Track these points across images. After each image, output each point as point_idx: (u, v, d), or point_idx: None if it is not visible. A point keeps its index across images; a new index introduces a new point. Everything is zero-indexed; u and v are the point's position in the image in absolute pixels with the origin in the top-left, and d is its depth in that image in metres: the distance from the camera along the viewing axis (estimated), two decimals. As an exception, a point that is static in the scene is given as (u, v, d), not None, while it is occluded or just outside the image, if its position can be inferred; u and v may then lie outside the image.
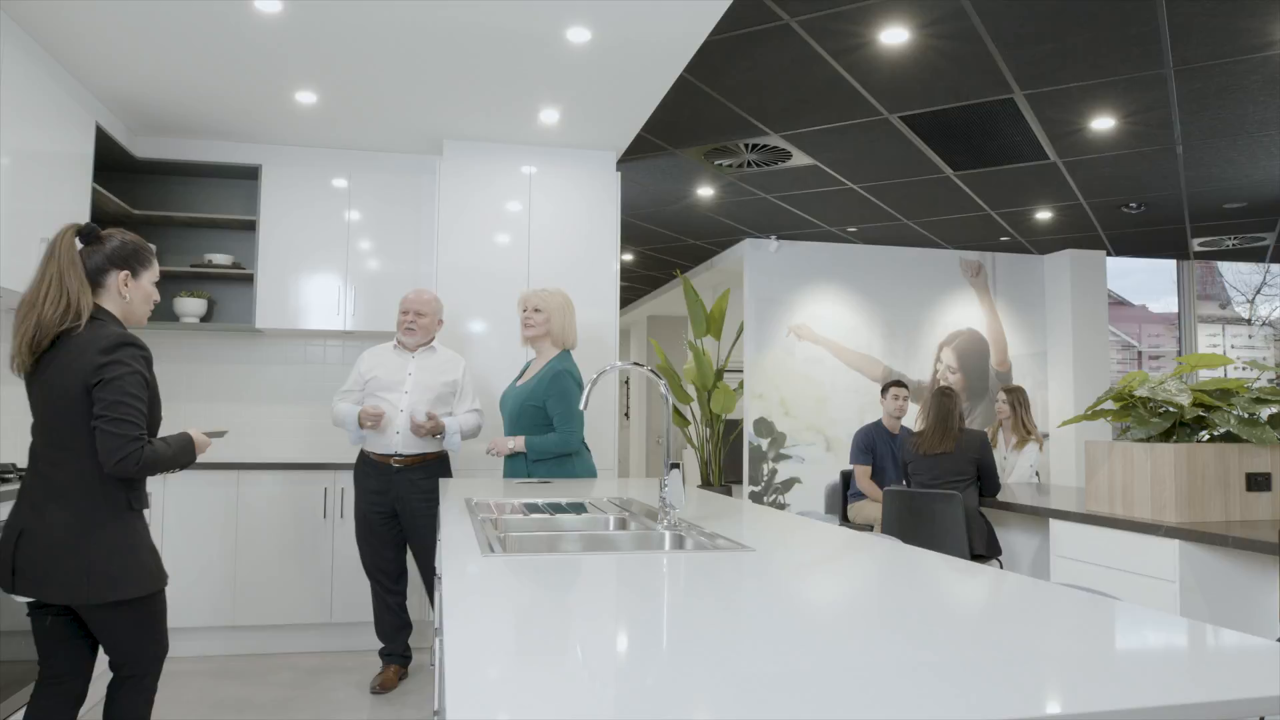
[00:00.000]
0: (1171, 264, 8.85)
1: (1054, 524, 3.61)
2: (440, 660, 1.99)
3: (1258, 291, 10.27)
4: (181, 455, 2.23)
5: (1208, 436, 3.33)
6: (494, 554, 1.67)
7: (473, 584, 1.40)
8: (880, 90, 4.24)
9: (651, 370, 2.24)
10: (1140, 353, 10.51)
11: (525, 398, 3.59)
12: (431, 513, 3.94)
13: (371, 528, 3.86)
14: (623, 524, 2.36)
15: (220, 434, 2.51)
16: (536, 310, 3.68)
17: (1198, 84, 4.10)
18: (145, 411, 2.11)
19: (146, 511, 2.23)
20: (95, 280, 2.19)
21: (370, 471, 3.85)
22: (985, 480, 4.29)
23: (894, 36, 3.65)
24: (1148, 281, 11.45)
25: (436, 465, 3.92)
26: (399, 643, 3.92)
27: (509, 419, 3.66)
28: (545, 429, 3.57)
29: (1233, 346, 10.18)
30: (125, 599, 2.11)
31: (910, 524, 4.22)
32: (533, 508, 2.61)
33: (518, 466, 3.61)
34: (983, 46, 3.73)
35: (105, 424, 2.03)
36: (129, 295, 2.26)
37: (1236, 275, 10.28)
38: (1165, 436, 3.35)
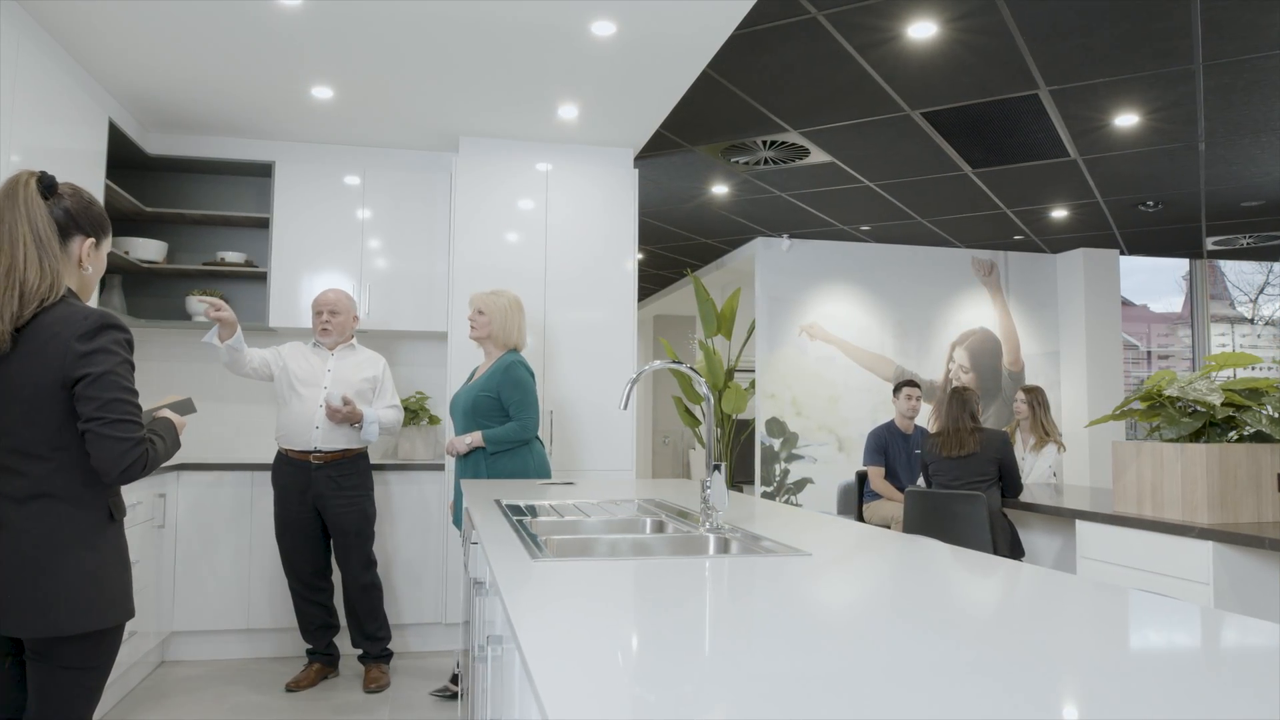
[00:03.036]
0: (1174, 264, 8.82)
1: (1080, 525, 3.57)
2: (474, 667, 1.94)
3: (1260, 291, 10.24)
4: (174, 447, 1.94)
5: (1236, 437, 3.29)
6: (542, 559, 1.62)
7: (536, 590, 1.35)
8: (904, 86, 4.19)
9: (690, 369, 2.20)
10: (1149, 352, 10.47)
11: (478, 390, 3.60)
12: (354, 509, 3.87)
13: (292, 528, 3.85)
14: (659, 526, 2.30)
15: (184, 402, 2.14)
16: (480, 313, 3.71)
17: (1225, 79, 4.06)
18: (140, 406, 1.79)
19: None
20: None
21: (289, 470, 3.85)
22: (1007, 481, 4.25)
23: (922, 30, 3.60)
24: (1150, 282, 11.41)
25: (356, 461, 3.92)
26: (324, 640, 3.93)
27: (461, 416, 3.65)
28: (501, 420, 3.57)
29: (1240, 347, 10.15)
30: (95, 630, 1.76)
31: (933, 525, 4.17)
32: (563, 509, 2.56)
33: (476, 463, 3.57)
34: (1011, 41, 3.68)
35: (103, 427, 1.70)
36: (90, 267, 1.86)
37: (1239, 275, 10.25)
38: (1194, 437, 3.31)
